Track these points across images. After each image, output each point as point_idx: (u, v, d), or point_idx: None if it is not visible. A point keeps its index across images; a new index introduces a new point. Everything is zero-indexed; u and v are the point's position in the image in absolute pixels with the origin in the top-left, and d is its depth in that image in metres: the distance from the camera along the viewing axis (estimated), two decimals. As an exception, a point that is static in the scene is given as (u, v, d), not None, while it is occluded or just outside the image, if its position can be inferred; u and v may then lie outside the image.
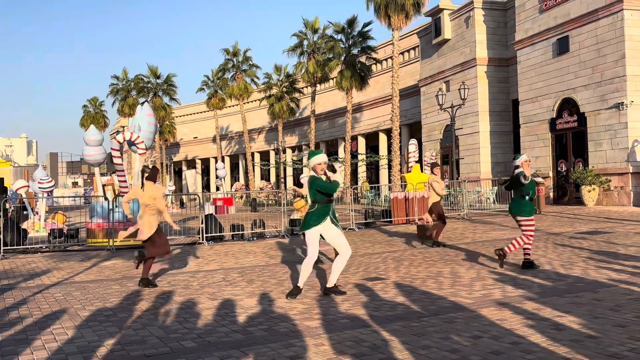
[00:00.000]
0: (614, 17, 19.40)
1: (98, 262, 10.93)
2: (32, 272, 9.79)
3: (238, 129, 53.72)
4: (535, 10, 23.05)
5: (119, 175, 15.52)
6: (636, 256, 8.78)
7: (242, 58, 47.15)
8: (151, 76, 53.21)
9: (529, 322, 5.14)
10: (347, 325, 5.36)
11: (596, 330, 4.77)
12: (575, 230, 13.03)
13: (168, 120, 54.45)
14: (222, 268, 9.62)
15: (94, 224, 14.17)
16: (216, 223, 14.24)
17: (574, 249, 9.96)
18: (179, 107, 59.25)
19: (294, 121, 47.87)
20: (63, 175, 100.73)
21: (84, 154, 16.02)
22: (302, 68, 39.66)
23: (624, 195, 19.38)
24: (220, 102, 50.06)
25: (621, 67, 19.15)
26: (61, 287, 8.21)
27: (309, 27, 39.35)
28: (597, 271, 7.66)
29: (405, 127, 35.42)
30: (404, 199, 17.31)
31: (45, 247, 13.45)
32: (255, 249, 12.26)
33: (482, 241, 11.89)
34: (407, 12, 27.81)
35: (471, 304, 6.01)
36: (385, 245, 11.96)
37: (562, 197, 22.20)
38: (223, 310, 6.25)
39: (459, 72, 27.65)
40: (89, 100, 64.07)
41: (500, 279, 7.46)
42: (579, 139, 21.35)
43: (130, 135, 14.55)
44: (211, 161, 57.93)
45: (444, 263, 9.10)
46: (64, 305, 6.83)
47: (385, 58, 38.45)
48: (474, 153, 26.89)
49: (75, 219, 21.57)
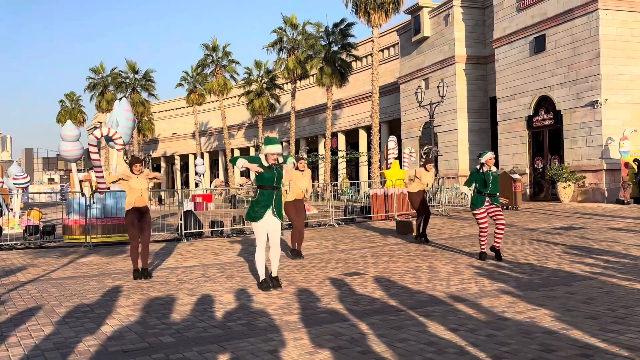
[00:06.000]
0: (589, 16, 19.74)
1: (75, 259, 10.80)
2: (7, 269, 9.64)
3: (217, 125, 53.44)
4: (512, 9, 23.33)
5: (96, 172, 15.32)
6: (608, 251, 8.98)
7: (222, 53, 46.88)
8: (129, 71, 52.64)
9: (505, 315, 5.24)
10: (326, 319, 5.39)
11: (569, 323, 4.88)
12: (551, 226, 13.26)
13: (147, 115, 53.95)
14: (201, 264, 9.59)
15: (70, 220, 13.98)
16: (195, 220, 14.15)
17: (549, 244, 10.14)
18: (158, 103, 58.73)
19: (274, 117, 47.79)
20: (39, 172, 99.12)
21: (60, 150, 15.78)
22: (282, 64, 39.60)
23: (598, 192, 19.76)
24: (199, 97, 49.74)
25: (596, 65, 19.51)
26: (37, 283, 8.10)
27: (288, 23, 39.29)
28: (571, 265, 7.82)
29: (385, 124, 35.62)
30: (383, 195, 17.43)
31: (21, 244, 13.24)
32: (235, 245, 12.24)
33: (460, 237, 12.03)
34: (386, 9, 27.94)
35: (448, 298, 6.10)
36: (365, 241, 12.03)
37: (539, 194, 22.55)
38: (202, 305, 6.23)
39: (437, 69, 27.88)
40: (66, 95, 63.13)
41: (477, 273, 7.57)
42: (555, 136, 21.70)
43: (108, 131, 14.38)
44: (190, 157, 57.57)
45: (422, 258, 9.19)
46: (39, 302, 6.75)
47: (365, 55, 38.58)
48: (452, 150, 27.16)
49: (51, 215, 21.25)
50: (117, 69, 53.98)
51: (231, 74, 47.04)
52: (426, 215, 11.31)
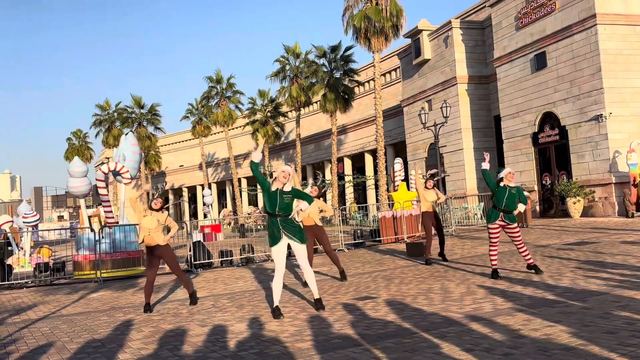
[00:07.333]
0: (587, 32, 19.86)
1: (85, 295, 10.77)
2: (18, 308, 9.62)
3: (224, 155, 53.68)
4: (511, 28, 23.53)
5: (104, 206, 15.39)
6: (622, 264, 8.86)
7: (226, 85, 47.36)
8: (135, 106, 53.24)
9: (521, 333, 5.15)
10: (339, 345, 5.32)
11: (587, 338, 4.79)
12: (563, 241, 13.12)
13: (153, 149, 54.33)
14: (211, 294, 9.54)
15: (80, 256, 14.00)
16: (204, 250, 14.13)
17: (562, 259, 10.03)
18: (164, 136, 59.20)
19: (280, 145, 48.01)
20: (48, 210, 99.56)
21: (68, 186, 15.89)
22: (286, 93, 39.94)
23: (608, 206, 19.60)
24: (205, 129, 50.12)
25: (598, 80, 19.54)
26: (48, 320, 8.07)
27: (290, 52, 39.73)
28: (585, 280, 7.71)
29: (390, 146, 35.68)
30: (392, 218, 17.35)
31: (31, 282, 13.24)
32: (245, 274, 12.18)
33: (471, 256, 11.92)
34: (386, 34, 28.21)
35: (462, 318, 6.01)
36: (375, 265, 11.94)
37: (548, 210, 22.38)
38: (214, 336, 6.18)
39: (440, 90, 28.02)
40: (73, 133, 63.85)
41: (490, 292, 7.47)
42: (562, 151, 21.63)
43: (115, 165, 14.49)
44: (198, 189, 57.70)
45: (434, 279, 9.10)
46: (51, 339, 6.71)
47: (367, 80, 38.88)
48: (459, 170, 27.11)
49: (61, 252, 21.28)
50: (121, 103, 54.73)
51: (236, 105, 47.44)
52: (439, 237, 11.46)
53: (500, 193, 8.65)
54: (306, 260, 7.12)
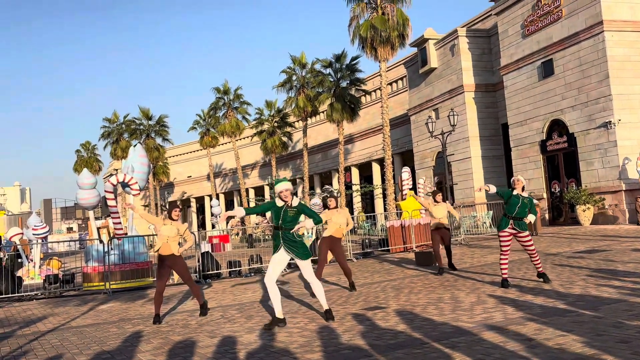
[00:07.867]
0: (595, 39, 19.82)
1: (95, 306, 10.78)
2: (28, 320, 9.64)
3: (231, 165, 53.82)
4: (518, 36, 23.52)
5: (113, 218, 15.44)
6: (635, 272, 8.77)
7: (233, 96, 47.59)
8: (143, 118, 53.52)
9: (532, 343, 5.09)
10: (348, 355, 5.29)
11: (600, 348, 4.73)
12: (573, 249, 13.02)
13: (161, 160, 54.55)
14: (220, 305, 9.52)
15: (89, 267, 14.02)
16: (213, 261, 14.13)
17: (573, 268, 9.94)
18: (172, 147, 59.44)
19: (287, 155, 48.09)
20: (57, 222, 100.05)
21: (77, 198, 15.95)
22: (292, 103, 40.05)
23: (618, 213, 19.44)
24: (212, 140, 50.33)
25: (606, 86, 19.47)
26: (57, 332, 8.08)
27: (297, 62, 39.89)
28: (597, 289, 7.63)
29: (398, 155, 35.64)
30: (400, 227, 17.29)
31: (41, 294, 13.27)
32: (254, 285, 12.15)
33: (481, 265, 11.85)
34: (392, 44, 28.27)
35: (473, 328, 5.96)
36: (384, 274, 11.89)
37: (558, 218, 22.24)
38: (223, 347, 6.16)
39: (447, 99, 28.00)
40: (82, 145, 64.19)
41: (501, 301, 7.41)
42: (571, 159, 21.52)
43: (124, 177, 14.55)
44: (206, 199, 57.83)
45: (444, 289, 9.04)
46: (60, 351, 6.71)
47: (374, 89, 38.93)
48: (467, 178, 27.01)
49: (71, 264, 21.36)
50: (129, 115, 55.03)
51: (243, 115, 47.65)
52: (446, 249, 11.49)
53: (513, 201, 8.66)
54: (312, 274, 7.11)
